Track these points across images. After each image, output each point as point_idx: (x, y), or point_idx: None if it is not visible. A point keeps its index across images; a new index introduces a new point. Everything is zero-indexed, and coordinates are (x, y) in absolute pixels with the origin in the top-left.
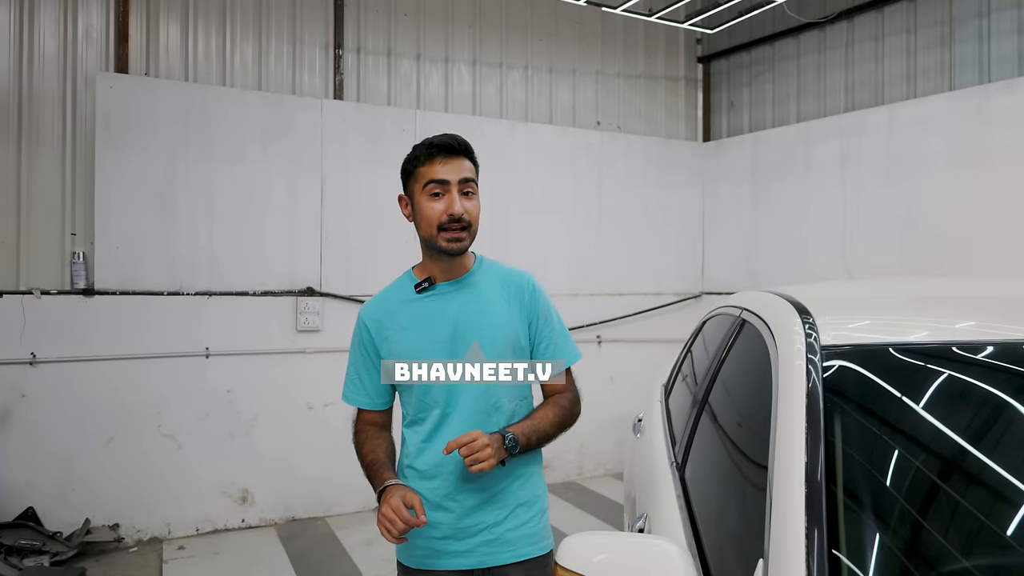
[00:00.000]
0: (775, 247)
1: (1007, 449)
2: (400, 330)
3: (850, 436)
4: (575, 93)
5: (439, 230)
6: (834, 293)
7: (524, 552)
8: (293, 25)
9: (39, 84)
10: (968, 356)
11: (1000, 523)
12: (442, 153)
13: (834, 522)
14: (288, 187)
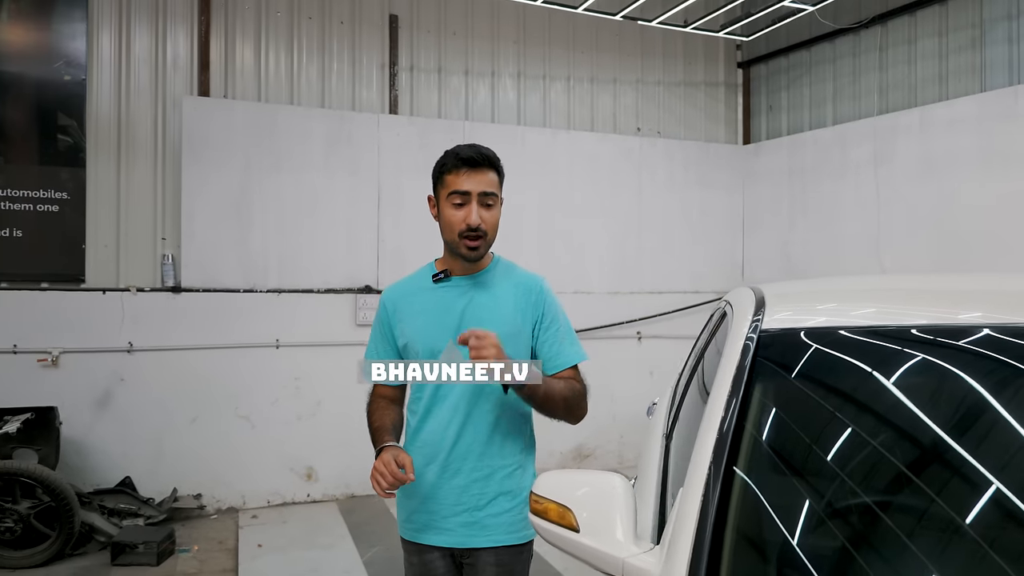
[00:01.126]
0: (812, 246)
1: (890, 406)
2: (414, 314)
3: (765, 398)
4: (616, 101)
5: (460, 237)
6: (809, 287)
7: (499, 539)
8: (352, 47)
9: (135, 108)
10: (882, 336)
11: (867, 461)
12: (467, 165)
13: (733, 461)
14: (348, 194)
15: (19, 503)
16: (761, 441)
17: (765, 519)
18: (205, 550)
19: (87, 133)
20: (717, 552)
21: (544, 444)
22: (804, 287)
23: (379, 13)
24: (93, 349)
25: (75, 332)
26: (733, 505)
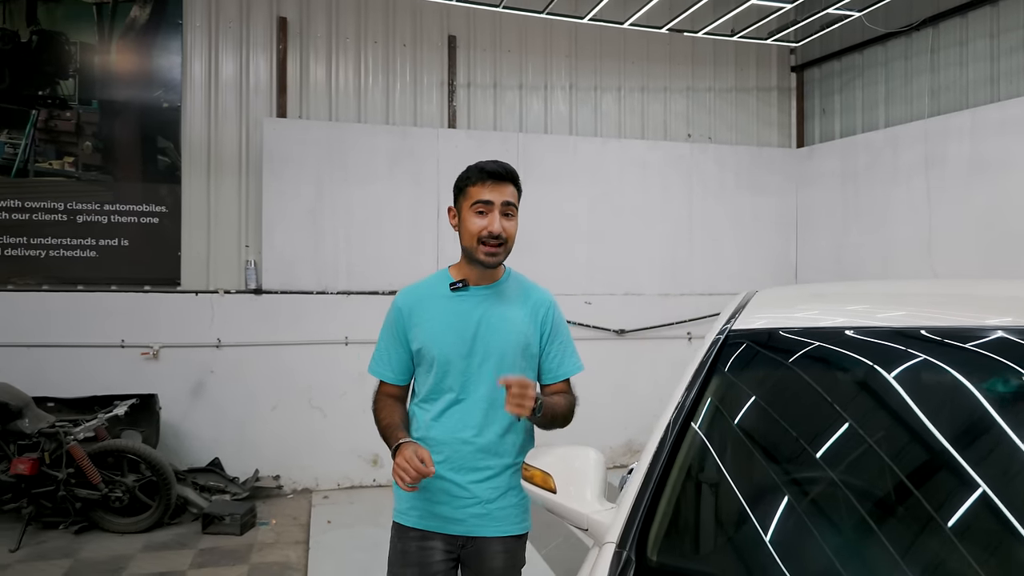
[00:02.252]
0: (864, 249)
1: (839, 397)
2: (430, 319)
3: (718, 387)
4: (666, 109)
5: (479, 243)
6: (800, 291)
7: (507, 529)
8: (414, 67)
9: (222, 130)
10: (847, 336)
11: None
12: (491, 178)
13: (680, 439)
14: (410, 204)
15: (126, 476)
16: (706, 421)
17: (692, 483)
18: (281, 524)
19: (182, 153)
20: (654, 506)
21: (596, 439)
22: (796, 291)
23: (439, 34)
24: (187, 344)
25: (172, 329)
26: (673, 472)
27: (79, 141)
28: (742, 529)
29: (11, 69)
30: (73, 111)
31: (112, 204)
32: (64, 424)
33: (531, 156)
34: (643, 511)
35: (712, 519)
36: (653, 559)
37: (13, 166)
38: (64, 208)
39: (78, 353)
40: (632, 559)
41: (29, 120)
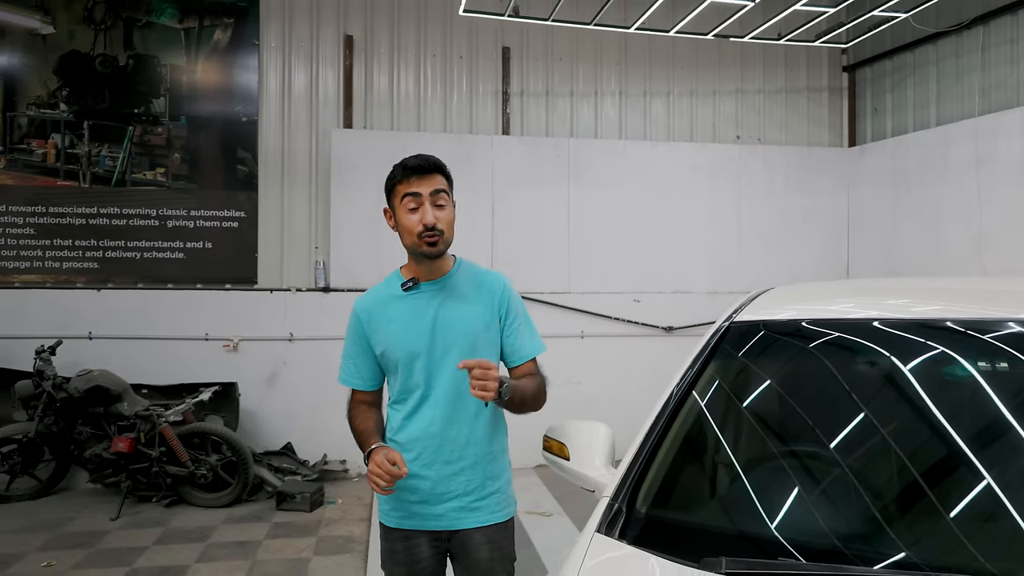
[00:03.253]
0: (915, 247)
1: (820, 376)
2: (388, 322)
3: (716, 370)
4: (715, 111)
5: (418, 238)
6: (806, 289)
7: (487, 519)
8: (470, 78)
9: (295, 141)
10: (831, 325)
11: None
12: (414, 173)
13: (676, 413)
14: (466, 207)
15: (210, 456)
16: (701, 396)
17: (681, 448)
18: (347, 503)
19: (259, 163)
20: (648, 468)
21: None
22: (803, 288)
23: (493, 46)
24: (263, 338)
25: (250, 324)
26: (667, 441)
27: (169, 153)
28: (721, 486)
29: (111, 90)
30: (164, 126)
31: (197, 210)
32: (157, 408)
33: (582, 160)
34: (636, 471)
35: (696, 479)
36: (642, 510)
37: (113, 177)
38: (156, 214)
39: (168, 345)
40: (623, 510)
41: (126, 135)
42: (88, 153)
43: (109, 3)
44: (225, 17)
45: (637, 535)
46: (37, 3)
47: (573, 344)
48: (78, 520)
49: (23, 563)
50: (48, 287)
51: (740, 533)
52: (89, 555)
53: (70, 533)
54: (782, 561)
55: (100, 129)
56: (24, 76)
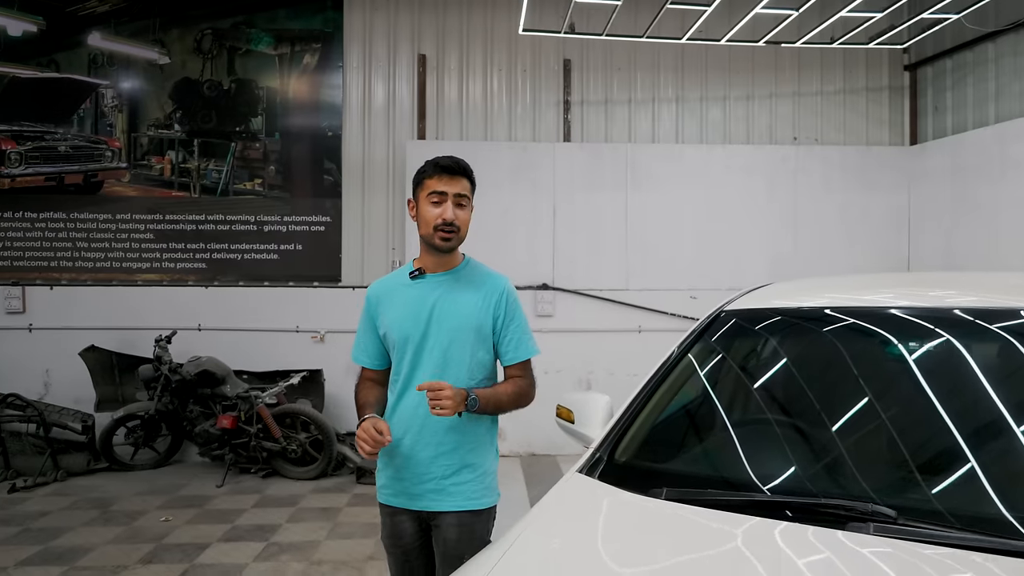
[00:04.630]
0: (974, 245)
1: (791, 352)
2: (392, 307)
3: (701, 349)
4: (772, 114)
5: (435, 230)
6: (793, 284)
7: (461, 504)
8: (533, 89)
9: (374, 152)
10: (807, 315)
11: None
12: (445, 172)
13: (663, 381)
14: (529, 210)
15: (299, 434)
16: (684, 368)
17: (660, 412)
18: None
19: (343, 172)
20: (628, 426)
21: None
22: (798, 283)
23: (555, 59)
24: (346, 330)
25: (334, 317)
26: (649, 404)
27: (265, 166)
28: (687, 440)
29: (216, 111)
30: (261, 142)
31: (289, 216)
32: (255, 390)
33: (639, 164)
34: (620, 428)
35: (666, 435)
36: (618, 459)
37: (218, 187)
38: (254, 220)
39: (264, 335)
40: (603, 458)
41: (229, 151)
42: (198, 167)
43: (215, 35)
44: (313, 43)
45: (608, 474)
46: (155, 38)
47: (631, 338)
48: (190, 486)
49: (146, 518)
50: (164, 285)
51: (689, 474)
52: (199, 513)
53: (183, 496)
54: (711, 491)
55: (208, 146)
56: (145, 101)
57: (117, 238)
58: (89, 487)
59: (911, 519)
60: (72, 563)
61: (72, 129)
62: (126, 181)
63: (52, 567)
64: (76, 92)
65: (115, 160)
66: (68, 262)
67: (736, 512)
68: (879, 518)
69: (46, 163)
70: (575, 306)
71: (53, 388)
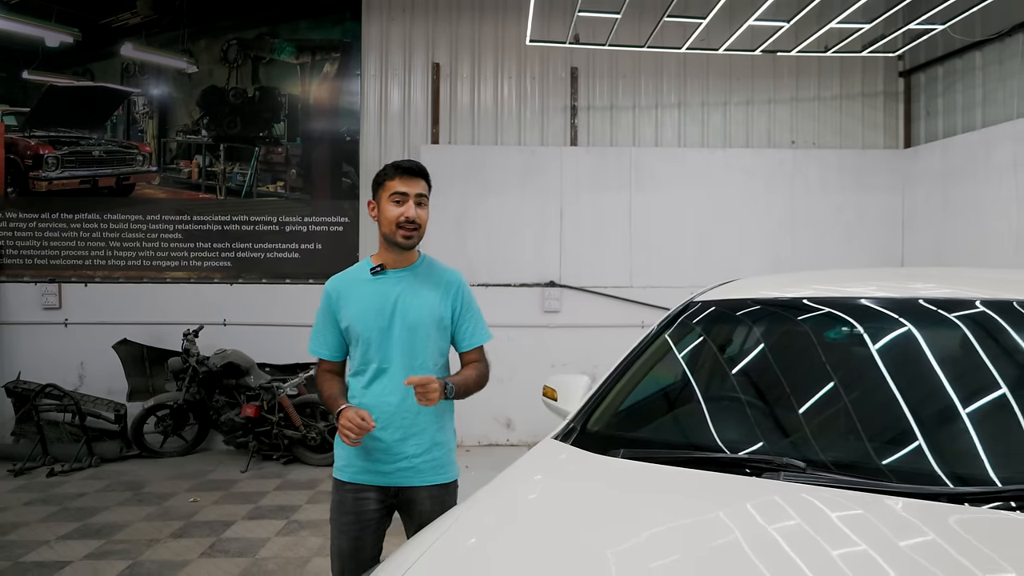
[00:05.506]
0: (961, 245)
1: (748, 335)
2: (355, 301)
3: (671, 334)
4: (771, 118)
5: (397, 227)
6: (760, 279)
7: (431, 479)
8: (541, 96)
9: (390, 155)
10: (760, 304)
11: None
12: (406, 173)
13: (634, 362)
14: (537, 211)
15: (318, 423)
16: (656, 349)
17: (630, 385)
18: None
19: (360, 175)
20: (601, 399)
21: None
22: (760, 278)
23: (563, 67)
24: None
25: None
26: (621, 381)
27: (287, 169)
28: (651, 411)
29: (241, 117)
30: (283, 147)
31: (310, 217)
32: (277, 381)
33: (643, 167)
34: (592, 402)
35: (632, 407)
36: (592, 429)
37: (243, 190)
38: (276, 221)
39: (286, 330)
40: (576, 428)
41: (253, 155)
42: (223, 171)
43: (240, 45)
44: (333, 52)
45: (579, 440)
46: (184, 48)
47: (634, 333)
48: (216, 472)
49: (175, 499)
50: (192, 282)
51: (647, 439)
52: (224, 495)
53: (210, 480)
54: (659, 450)
55: (233, 150)
56: (174, 108)
57: (147, 238)
58: (121, 472)
59: (816, 469)
60: (109, 537)
61: (105, 135)
62: (156, 184)
63: (91, 540)
64: (109, 100)
65: (146, 164)
66: (101, 260)
67: (679, 466)
68: (790, 469)
69: (81, 167)
70: (581, 302)
71: (87, 379)
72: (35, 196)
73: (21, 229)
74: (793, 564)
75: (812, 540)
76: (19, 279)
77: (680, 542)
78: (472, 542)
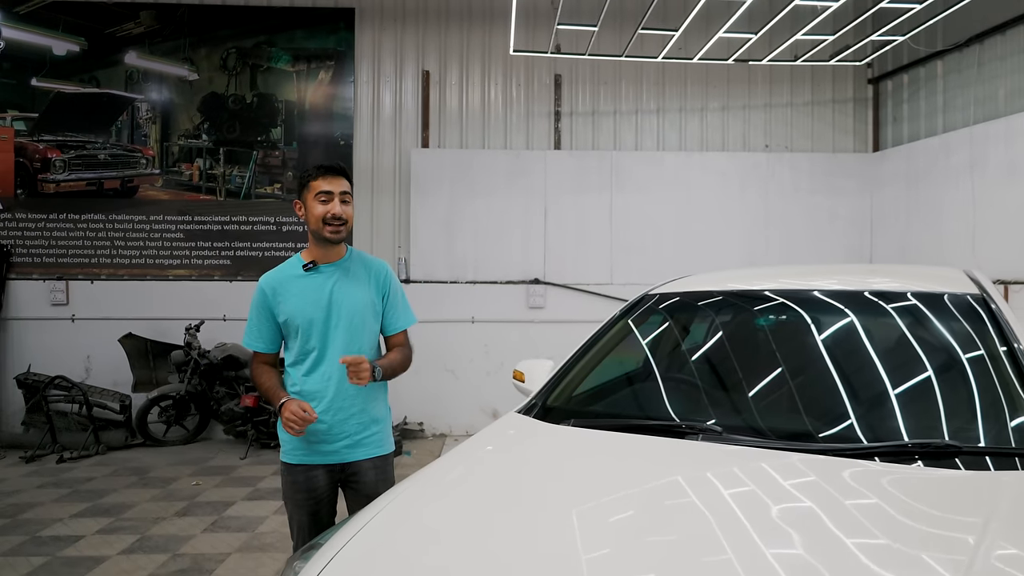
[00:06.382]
0: (924, 244)
1: (690, 320)
2: (291, 296)
3: (628, 319)
4: (746, 123)
5: (324, 224)
6: (709, 275)
7: (373, 451)
8: (527, 101)
9: (382, 158)
10: (708, 295)
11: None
12: (328, 173)
13: (592, 347)
14: (522, 211)
15: None
16: (613, 334)
17: (589, 366)
18: (419, 454)
19: (353, 176)
20: (563, 376)
21: None
22: (708, 274)
23: (547, 74)
24: None
25: None
26: (580, 362)
27: (284, 172)
28: (604, 388)
29: (240, 122)
30: (280, 150)
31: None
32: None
33: (623, 169)
34: (553, 380)
35: (588, 384)
36: (552, 405)
37: (242, 191)
38: (274, 221)
39: None
40: (538, 403)
41: (251, 158)
42: (223, 173)
43: (239, 54)
44: (327, 60)
45: (538, 414)
46: (185, 56)
47: None
48: (216, 459)
49: (179, 483)
50: (193, 279)
51: (597, 411)
52: (225, 479)
53: (211, 466)
54: (604, 419)
55: (232, 154)
56: (175, 114)
57: (151, 237)
58: (127, 459)
59: (732, 432)
60: (118, 515)
61: (111, 139)
62: (159, 186)
63: (101, 518)
64: (114, 106)
65: (149, 167)
66: (107, 259)
67: (619, 432)
68: (708, 432)
69: (87, 170)
70: (564, 299)
71: (93, 372)
72: (43, 198)
73: (30, 229)
74: (692, 505)
75: (711, 485)
76: (28, 277)
77: (604, 489)
78: (428, 496)
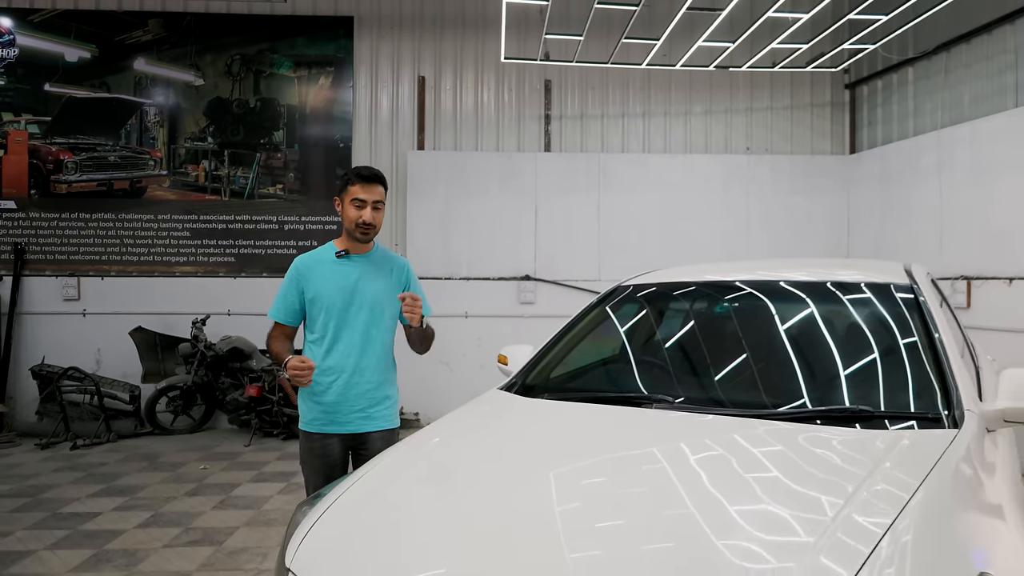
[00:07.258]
0: (896, 243)
1: (657, 308)
2: (321, 278)
3: (602, 308)
4: (728, 127)
5: (356, 227)
6: (675, 270)
7: (384, 424)
8: (518, 105)
9: (379, 159)
10: (673, 288)
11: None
12: (366, 181)
13: (568, 332)
14: (513, 211)
15: None
16: (589, 320)
17: (565, 349)
18: None
19: None
20: (541, 359)
21: None
22: (670, 270)
23: (538, 79)
24: None
25: None
26: (557, 345)
27: (286, 173)
28: (577, 367)
29: (244, 126)
30: (282, 152)
31: (306, 216)
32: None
33: (610, 171)
34: (532, 361)
35: (563, 364)
36: (530, 383)
37: (245, 192)
38: (276, 220)
39: None
40: (517, 382)
41: (255, 160)
42: (228, 174)
43: (243, 60)
44: (327, 66)
45: (518, 390)
46: (192, 63)
47: None
48: (222, 446)
49: (187, 467)
50: (199, 276)
51: (569, 387)
52: (230, 464)
53: (217, 452)
54: (572, 392)
55: (236, 156)
56: (182, 117)
57: (158, 236)
58: (137, 446)
59: (684, 402)
60: (132, 495)
61: (120, 142)
62: (166, 186)
63: (116, 498)
64: (124, 110)
65: (157, 168)
66: (116, 256)
67: (585, 403)
68: (661, 402)
69: (98, 171)
70: (554, 295)
71: (104, 364)
72: (56, 198)
73: (43, 228)
74: (643, 456)
75: (657, 440)
76: (42, 273)
77: (572, 444)
78: (416, 455)
